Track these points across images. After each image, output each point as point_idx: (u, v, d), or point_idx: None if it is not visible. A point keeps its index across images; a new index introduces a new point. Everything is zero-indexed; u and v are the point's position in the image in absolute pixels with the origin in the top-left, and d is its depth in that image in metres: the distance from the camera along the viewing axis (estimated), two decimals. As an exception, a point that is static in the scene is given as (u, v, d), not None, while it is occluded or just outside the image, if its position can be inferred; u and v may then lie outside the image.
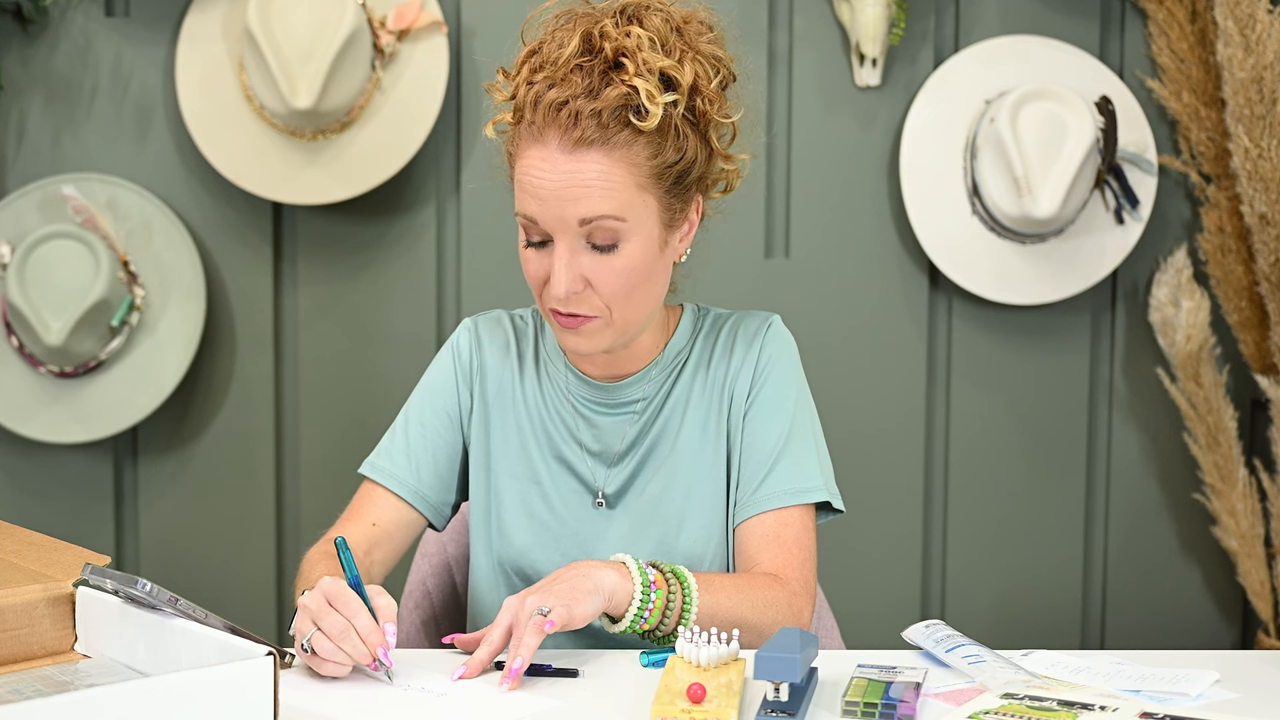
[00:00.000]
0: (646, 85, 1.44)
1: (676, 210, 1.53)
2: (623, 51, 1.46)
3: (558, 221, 1.48)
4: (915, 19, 2.63)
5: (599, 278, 1.50)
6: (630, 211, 1.48)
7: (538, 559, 1.62)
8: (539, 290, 1.55)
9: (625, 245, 1.49)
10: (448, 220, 2.67)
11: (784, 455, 1.59)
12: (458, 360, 1.67)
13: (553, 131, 1.46)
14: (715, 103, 1.51)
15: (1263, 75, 2.45)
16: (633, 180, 1.47)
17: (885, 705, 1.30)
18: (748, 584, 1.52)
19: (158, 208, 2.60)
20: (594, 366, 1.63)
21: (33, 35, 2.62)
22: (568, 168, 1.46)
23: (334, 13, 2.46)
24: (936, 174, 2.60)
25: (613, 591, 1.42)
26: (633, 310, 1.53)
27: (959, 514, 2.72)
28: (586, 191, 1.46)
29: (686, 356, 1.63)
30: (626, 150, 1.47)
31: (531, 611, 1.37)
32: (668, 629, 1.46)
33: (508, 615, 1.40)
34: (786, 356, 1.63)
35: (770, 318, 1.65)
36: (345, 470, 2.68)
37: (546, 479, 1.63)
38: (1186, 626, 2.74)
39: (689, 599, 1.46)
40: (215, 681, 1.17)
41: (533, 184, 1.48)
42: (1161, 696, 1.35)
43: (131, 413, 2.60)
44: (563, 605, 1.37)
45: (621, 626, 1.44)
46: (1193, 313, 2.60)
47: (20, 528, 1.57)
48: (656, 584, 1.44)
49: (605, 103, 1.45)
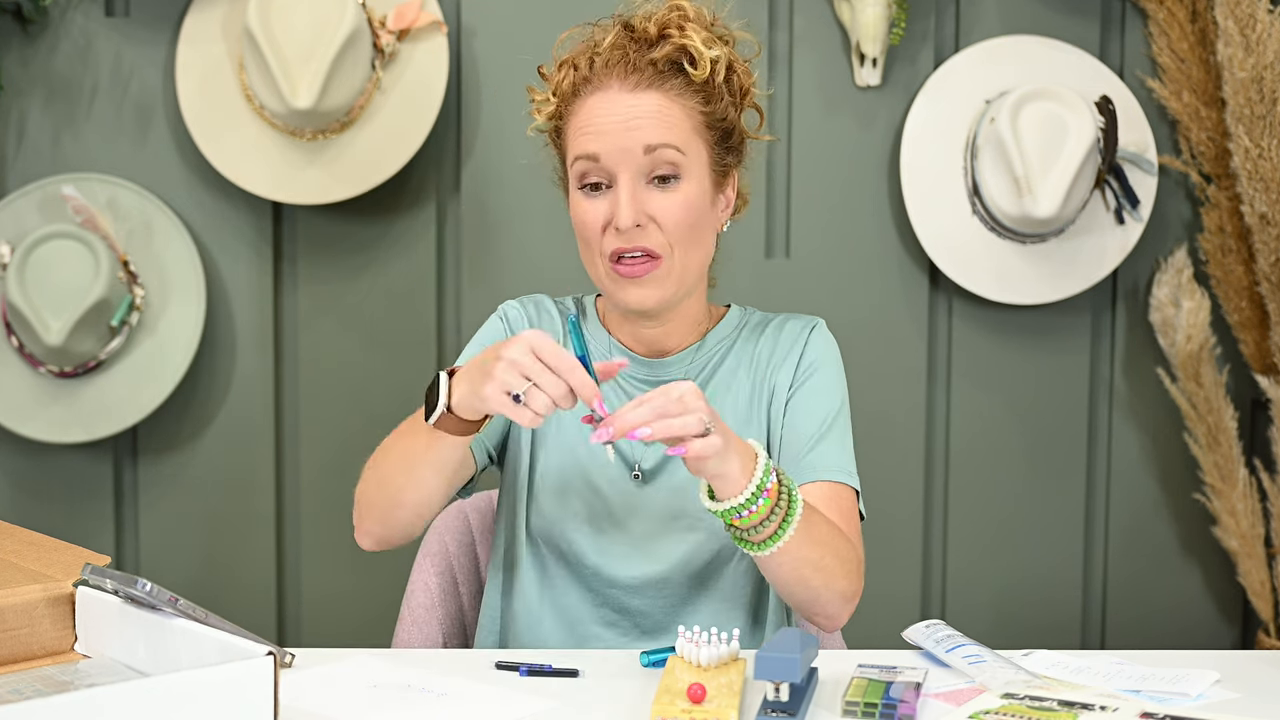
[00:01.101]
0: (696, 40, 1.54)
1: (721, 171, 1.61)
2: (665, 25, 1.56)
3: (621, 154, 1.54)
4: (915, 19, 2.63)
5: (661, 211, 1.55)
6: (688, 148, 1.56)
7: (569, 529, 1.63)
8: (597, 239, 1.57)
9: (683, 182, 1.56)
10: (448, 220, 2.67)
11: (827, 437, 1.62)
12: (507, 325, 1.71)
13: (613, 78, 1.55)
14: (750, 76, 1.61)
15: (1263, 75, 2.45)
16: (689, 122, 1.56)
17: (885, 705, 1.30)
18: (836, 535, 1.52)
19: (158, 208, 2.60)
20: (639, 342, 1.66)
21: (33, 35, 2.62)
22: (630, 102, 1.55)
23: (334, 13, 2.46)
24: (937, 174, 2.60)
25: (729, 477, 1.40)
26: (690, 256, 1.58)
27: (959, 514, 2.72)
28: (650, 122, 1.54)
29: (730, 345, 1.68)
30: (680, 95, 1.56)
31: (691, 406, 1.36)
32: (751, 539, 1.44)
33: (664, 392, 1.38)
34: (830, 357, 1.68)
35: (815, 320, 1.71)
36: (346, 470, 2.67)
37: (584, 451, 1.65)
38: (1186, 626, 2.74)
39: (785, 525, 1.43)
40: (215, 681, 1.17)
41: (596, 122, 1.55)
42: (1161, 696, 1.35)
43: (131, 413, 2.60)
44: (704, 435, 1.36)
45: (716, 508, 1.42)
46: (1193, 313, 2.60)
47: (20, 528, 1.57)
48: (769, 493, 1.42)
49: (660, 53, 1.55)
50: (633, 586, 1.62)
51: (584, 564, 1.63)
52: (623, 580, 1.62)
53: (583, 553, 1.63)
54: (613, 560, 1.63)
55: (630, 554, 1.62)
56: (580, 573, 1.64)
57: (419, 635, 1.77)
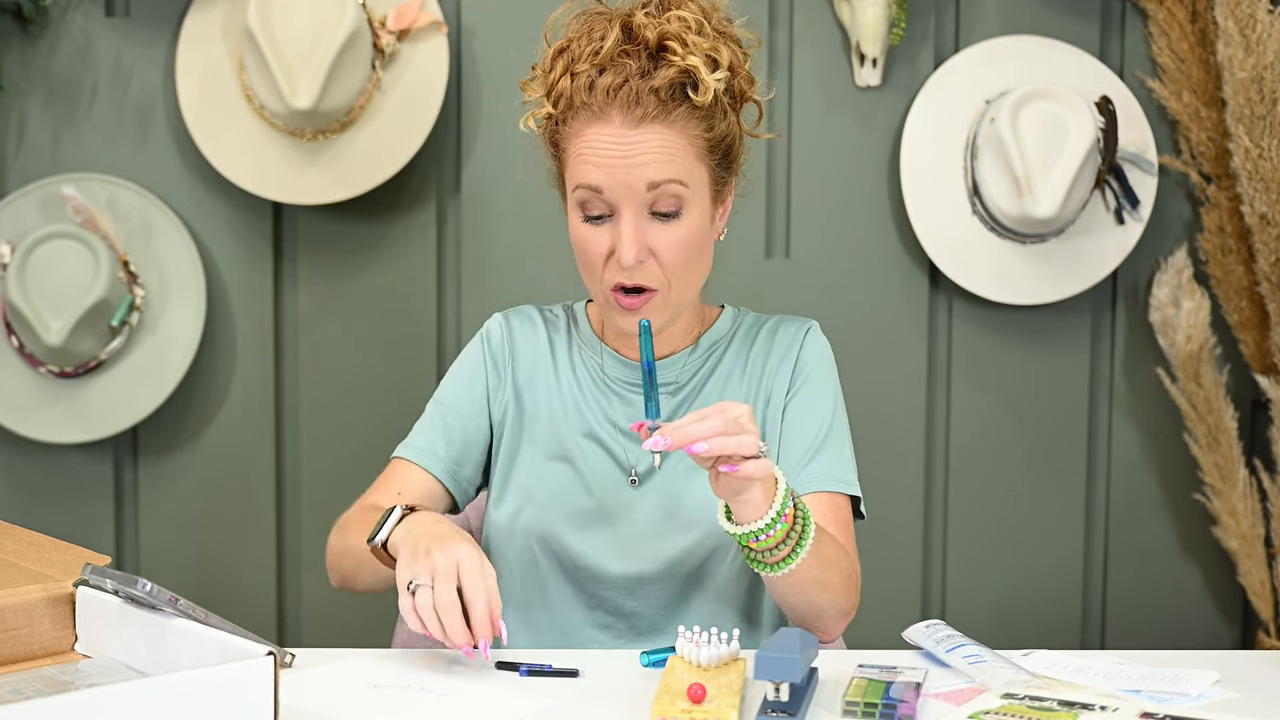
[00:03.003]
0: (699, 63, 1.51)
1: (721, 185, 1.60)
2: (665, 36, 1.52)
3: (625, 190, 1.53)
4: (915, 19, 2.63)
5: (661, 247, 1.54)
6: (691, 178, 1.54)
7: (562, 532, 1.64)
8: (599, 268, 1.57)
9: (685, 214, 1.55)
10: (448, 220, 2.67)
11: (825, 447, 1.63)
12: (488, 346, 1.71)
13: (615, 110, 1.52)
14: (750, 82, 1.60)
15: (1263, 75, 2.45)
16: (692, 151, 1.54)
17: (885, 705, 1.30)
18: (842, 554, 1.54)
19: (158, 208, 2.60)
20: (632, 348, 1.67)
21: (33, 35, 2.62)
22: (634, 138, 1.52)
23: (334, 13, 2.46)
24: (936, 174, 2.60)
25: (752, 501, 1.41)
26: (687, 283, 1.58)
27: (959, 514, 2.72)
28: (655, 158, 1.52)
29: (724, 348, 1.68)
30: (684, 123, 1.53)
31: (747, 428, 1.37)
32: (766, 560, 1.45)
33: (722, 410, 1.38)
34: (826, 361, 1.69)
35: (809, 323, 1.71)
36: (345, 470, 2.68)
37: (578, 457, 1.65)
38: (1186, 626, 2.74)
39: (799, 549, 1.45)
40: (215, 681, 1.17)
41: (600, 156, 1.53)
42: (1161, 696, 1.35)
43: (131, 413, 2.60)
44: (750, 465, 1.37)
45: (735, 531, 1.44)
46: (1193, 313, 2.60)
47: (20, 528, 1.57)
48: (786, 518, 1.43)
49: (662, 80, 1.51)
50: (626, 587, 1.62)
51: (577, 566, 1.63)
52: (616, 580, 1.62)
53: (576, 555, 1.63)
54: (606, 561, 1.63)
55: (623, 555, 1.62)
56: (574, 576, 1.64)
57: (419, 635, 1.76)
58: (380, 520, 1.48)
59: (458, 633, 1.35)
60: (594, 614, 1.64)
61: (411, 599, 1.37)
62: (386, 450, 1.71)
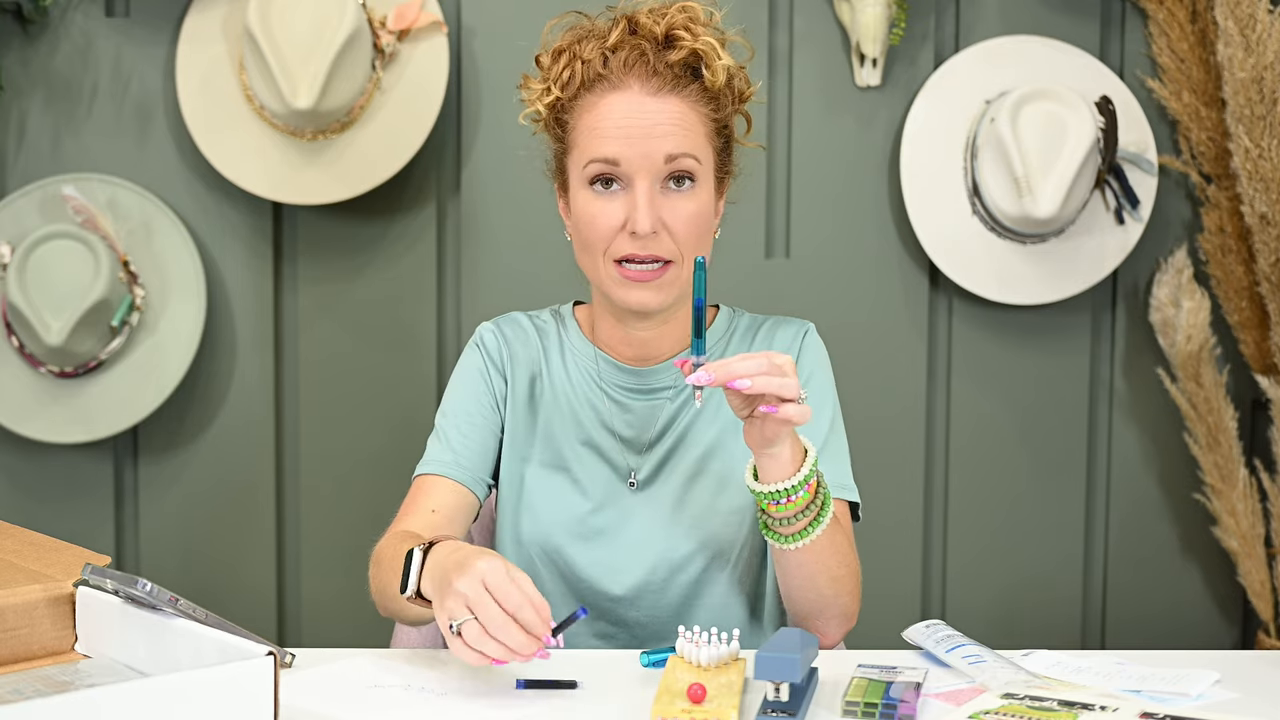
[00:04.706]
0: (711, 43, 1.54)
1: (722, 174, 1.61)
2: (673, 27, 1.55)
3: (643, 160, 1.53)
4: (915, 19, 2.63)
5: (674, 218, 1.55)
6: (702, 155, 1.56)
7: (564, 543, 1.63)
8: (606, 240, 1.56)
9: (697, 188, 1.56)
10: (448, 220, 2.67)
11: (824, 452, 1.62)
12: (485, 352, 1.70)
13: (634, 79, 1.54)
14: (748, 84, 1.61)
15: (1263, 75, 2.45)
16: (702, 129, 1.56)
17: (885, 705, 1.30)
18: (852, 553, 1.56)
19: (158, 208, 2.60)
20: (629, 346, 1.65)
21: (33, 35, 2.62)
22: (653, 108, 1.54)
23: (334, 13, 2.46)
24: (936, 174, 2.60)
25: (782, 459, 1.42)
26: (690, 264, 1.58)
27: (959, 514, 2.72)
28: (673, 130, 1.54)
29: (722, 349, 1.68)
30: (696, 101, 1.56)
31: (790, 372, 1.38)
32: (781, 530, 1.46)
33: (768, 355, 1.39)
34: (823, 364, 1.69)
35: (806, 325, 1.71)
36: (346, 471, 2.68)
37: (576, 465, 1.65)
38: (1186, 626, 2.74)
39: (815, 523, 1.46)
40: (215, 681, 1.17)
41: (618, 125, 1.54)
42: (1161, 696, 1.35)
43: (131, 413, 2.60)
44: (789, 408, 1.37)
45: (760, 489, 1.44)
46: (1193, 313, 2.60)
47: (20, 528, 1.57)
48: (810, 487, 1.44)
49: (677, 56, 1.54)
50: (626, 597, 1.62)
51: (578, 576, 1.63)
52: (616, 591, 1.62)
53: (577, 568, 1.63)
54: (605, 571, 1.62)
55: (623, 564, 1.62)
56: (575, 586, 1.64)
57: (419, 635, 1.77)
58: (405, 569, 1.41)
59: (521, 644, 1.28)
60: (595, 624, 1.64)
61: (460, 639, 1.30)
62: (387, 450, 1.71)
